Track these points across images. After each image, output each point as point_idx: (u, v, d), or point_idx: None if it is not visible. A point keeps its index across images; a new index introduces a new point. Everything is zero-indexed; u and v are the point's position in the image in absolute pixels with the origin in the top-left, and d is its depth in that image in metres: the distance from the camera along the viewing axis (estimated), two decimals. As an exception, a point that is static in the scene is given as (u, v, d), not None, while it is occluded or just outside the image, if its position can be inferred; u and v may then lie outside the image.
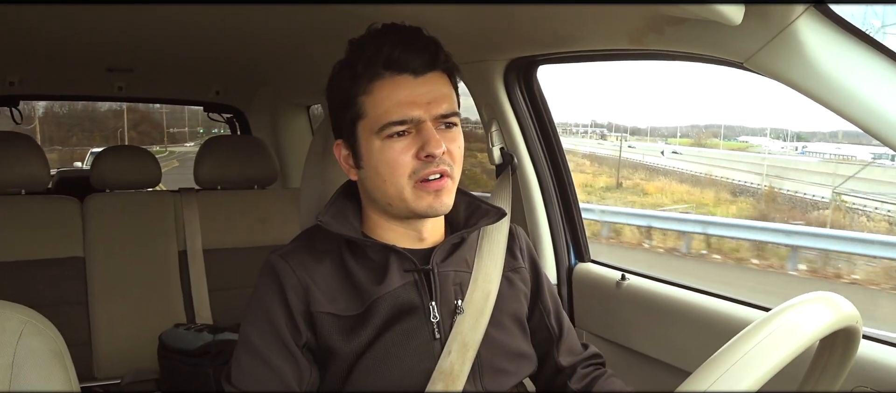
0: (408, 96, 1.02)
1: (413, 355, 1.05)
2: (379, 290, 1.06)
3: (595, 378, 1.23)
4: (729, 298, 1.48)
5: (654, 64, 4.72)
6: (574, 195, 1.91)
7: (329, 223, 1.08)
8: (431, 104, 1.03)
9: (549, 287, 1.27)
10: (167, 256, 2.55)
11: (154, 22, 2.06)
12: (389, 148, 1.02)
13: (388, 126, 1.01)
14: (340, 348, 1.04)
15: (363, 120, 1.05)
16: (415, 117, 1.02)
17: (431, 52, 1.04)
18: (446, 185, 1.05)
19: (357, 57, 1.04)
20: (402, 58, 1.02)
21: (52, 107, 25.82)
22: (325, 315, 1.04)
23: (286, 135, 3.68)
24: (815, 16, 1.00)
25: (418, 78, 1.03)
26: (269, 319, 1.05)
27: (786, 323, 0.76)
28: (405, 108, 1.01)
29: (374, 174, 1.05)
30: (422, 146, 1.01)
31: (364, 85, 1.03)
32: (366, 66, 1.03)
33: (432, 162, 1.02)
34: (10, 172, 2.34)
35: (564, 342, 1.25)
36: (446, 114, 1.04)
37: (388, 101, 1.02)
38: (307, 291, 1.05)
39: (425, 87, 1.03)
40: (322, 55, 2.41)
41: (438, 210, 1.06)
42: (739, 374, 0.71)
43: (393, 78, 1.02)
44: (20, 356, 0.98)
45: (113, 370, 2.41)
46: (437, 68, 1.05)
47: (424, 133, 1.02)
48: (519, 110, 1.85)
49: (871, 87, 0.99)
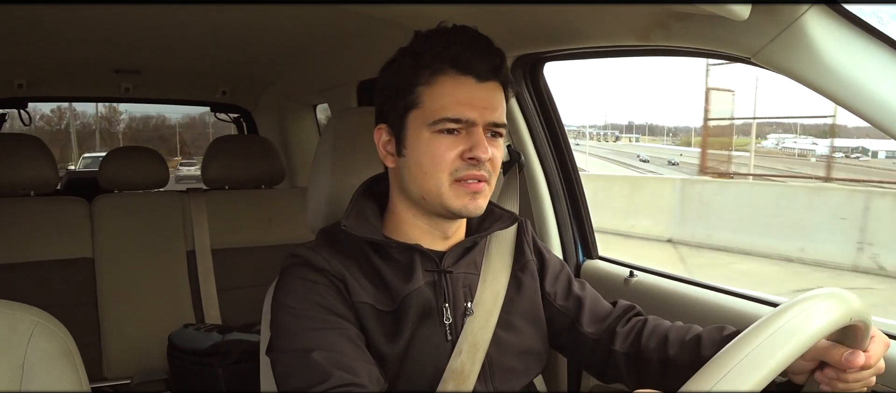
0: (468, 97, 1.02)
1: (429, 355, 1.06)
2: (407, 287, 1.05)
3: (639, 332, 1.16)
4: (737, 293, 1.47)
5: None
6: (581, 192, 1.90)
7: (352, 227, 1.07)
8: (487, 110, 1.03)
9: (554, 270, 1.24)
10: (176, 256, 2.57)
11: (161, 23, 2.07)
12: (438, 142, 1.02)
13: (443, 121, 1.02)
14: (386, 352, 1.03)
15: (417, 109, 1.04)
16: (470, 119, 1.02)
17: (496, 62, 1.05)
18: (483, 189, 1.05)
19: (425, 47, 1.05)
20: (471, 60, 1.03)
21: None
22: (365, 305, 1.03)
23: (293, 134, 3.69)
24: (823, 10, 1.00)
25: (480, 83, 1.04)
26: (316, 301, 1.02)
27: (792, 320, 0.76)
28: (463, 107, 1.02)
29: (414, 165, 1.05)
30: (470, 147, 1.02)
31: (427, 76, 1.04)
32: (433, 58, 1.03)
33: (475, 165, 1.02)
34: (19, 174, 2.35)
35: (586, 313, 1.20)
36: (497, 123, 1.05)
37: (447, 97, 1.02)
38: (345, 281, 1.04)
39: (484, 93, 1.04)
40: (328, 54, 2.44)
41: (472, 212, 1.06)
42: (745, 371, 0.71)
43: (456, 76, 1.03)
44: (31, 357, 0.99)
45: (123, 370, 2.42)
46: (497, 78, 1.06)
47: (474, 136, 1.02)
48: (525, 107, 1.84)
49: (880, 81, 0.98)
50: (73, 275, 2.41)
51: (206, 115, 21.91)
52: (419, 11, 1.20)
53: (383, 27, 1.75)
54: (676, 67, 62.49)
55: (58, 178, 2.50)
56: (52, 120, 25.93)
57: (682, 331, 1.12)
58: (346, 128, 1.26)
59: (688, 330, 1.11)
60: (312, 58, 2.54)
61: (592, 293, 1.24)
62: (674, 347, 1.09)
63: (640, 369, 1.14)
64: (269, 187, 2.85)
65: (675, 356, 1.08)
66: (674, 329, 1.13)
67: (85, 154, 15.93)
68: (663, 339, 1.11)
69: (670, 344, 1.10)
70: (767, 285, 7.92)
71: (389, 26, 1.71)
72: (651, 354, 1.11)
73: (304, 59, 2.63)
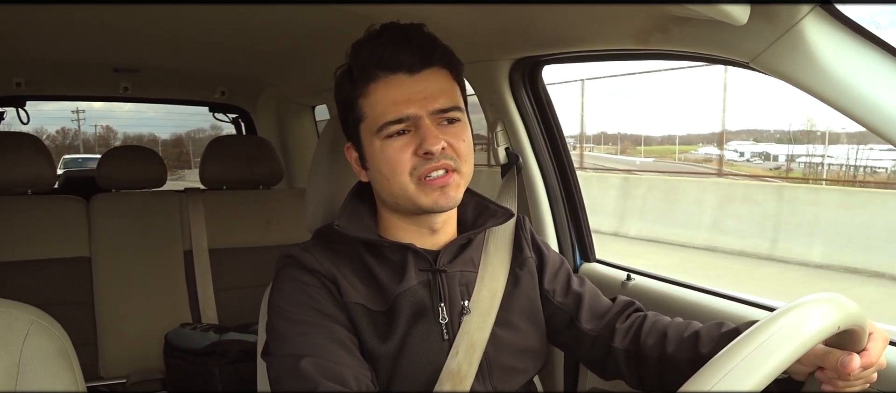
0: (402, 95, 1.01)
1: (425, 355, 1.05)
2: (399, 287, 1.05)
3: (638, 328, 1.15)
4: (735, 297, 1.47)
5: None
6: (579, 195, 1.90)
7: (345, 227, 1.07)
8: (428, 100, 1.02)
9: (553, 266, 1.23)
10: (173, 255, 2.56)
11: (160, 22, 2.07)
12: (389, 147, 1.02)
13: (386, 126, 1.01)
14: (379, 352, 1.03)
15: (364, 122, 1.05)
16: (410, 115, 1.01)
17: (426, 49, 1.03)
18: (452, 180, 1.03)
19: (354, 60, 1.05)
20: (395, 57, 1.01)
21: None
22: (357, 306, 1.03)
23: (291, 135, 3.68)
24: (821, 15, 1.00)
25: (414, 75, 1.02)
26: (307, 303, 1.02)
27: (789, 324, 0.76)
28: (400, 106, 1.01)
29: (378, 174, 1.05)
30: (420, 143, 1.01)
31: (361, 87, 1.04)
32: (361, 68, 1.03)
33: (432, 158, 1.01)
34: (16, 173, 2.35)
35: (585, 309, 1.19)
36: (445, 108, 1.03)
37: (383, 102, 1.02)
38: (336, 282, 1.04)
39: (421, 85, 1.02)
40: (327, 55, 2.43)
41: (444, 205, 1.04)
42: (742, 374, 0.71)
43: (387, 78, 1.02)
44: (27, 355, 0.98)
45: (119, 370, 2.42)
46: (433, 65, 1.04)
47: (422, 130, 1.01)
48: (524, 110, 1.84)
49: (878, 86, 0.98)
50: (70, 274, 2.40)
51: (191, 131, 22.53)
52: (418, 12, 1.20)
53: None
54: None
55: (55, 177, 2.50)
56: (57, 139, 26.47)
57: (680, 327, 1.11)
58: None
59: (687, 326, 1.11)
60: (311, 59, 2.54)
61: (592, 289, 1.24)
62: (672, 343, 1.09)
63: (640, 366, 1.13)
64: (268, 188, 2.84)
65: (673, 353, 1.08)
66: (672, 326, 1.13)
67: (65, 155, 15.94)
68: (662, 335, 1.11)
69: (669, 341, 1.10)
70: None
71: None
72: (650, 350, 1.11)
73: (303, 60, 2.63)
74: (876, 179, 14.56)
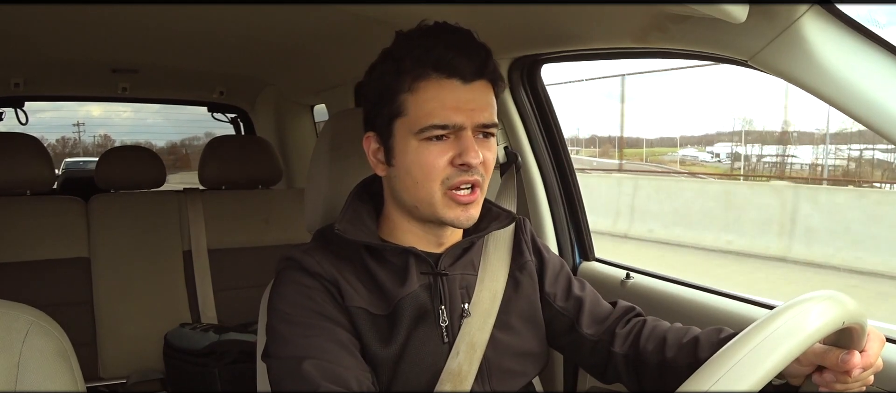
0: (454, 101, 0.99)
1: (426, 358, 1.05)
2: (402, 291, 1.04)
3: (638, 334, 1.14)
4: (734, 295, 1.47)
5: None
6: (578, 194, 1.90)
7: (346, 230, 1.05)
8: (475, 112, 1.00)
9: (554, 269, 1.22)
10: (172, 255, 2.56)
11: (159, 22, 2.07)
12: (426, 150, 1.00)
13: (430, 128, 0.98)
14: (381, 355, 1.02)
15: (402, 118, 1.01)
16: (457, 123, 0.99)
17: (482, 60, 1.01)
18: (476, 198, 1.03)
19: (405, 52, 1.01)
20: (454, 61, 0.98)
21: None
22: (359, 309, 1.02)
23: (290, 135, 3.68)
24: (820, 13, 1.00)
25: (466, 84, 1.00)
26: (309, 306, 1.01)
27: (788, 322, 0.75)
28: (450, 112, 0.98)
29: (405, 174, 1.03)
30: (459, 153, 0.99)
31: (409, 82, 1.00)
32: (414, 63, 0.99)
33: (467, 170, 1.00)
34: (15, 173, 2.35)
35: (585, 314, 1.19)
36: (487, 124, 1.02)
37: (432, 103, 0.99)
38: (337, 285, 1.02)
39: (471, 94, 1.00)
40: (326, 55, 2.44)
41: (464, 223, 1.04)
42: (742, 373, 0.71)
43: (440, 80, 0.99)
44: (26, 356, 0.98)
45: (118, 370, 2.42)
46: (484, 77, 1.02)
47: (463, 141, 0.99)
48: (523, 109, 1.84)
49: (876, 84, 0.98)
50: (70, 274, 2.40)
51: (186, 139, 22.74)
52: (418, 12, 1.19)
53: (382, 28, 1.72)
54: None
55: (54, 177, 2.49)
56: (57, 147, 26.74)
57: (680, 333, 1.11)
58: (344, 129, 1.26)
59: (686, 332, 1.11)
60: (310, 58, 2.54)
61: (592, 293, 1.23)
62: (672, 349, 1.09)
63: (639, 371, 1.13)
64: (266, 188, 2.84)
65: (672, 358, 1.08)
66: (672, 331, 1.12)
67: (67, 158, 16.01)
68: (661, 341, 1.11)
69: (668, 346, 1.09)
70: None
71: (388, 27, 1.70)
72: (649, 356, 1.11)
73: (302, 60, 2.63)
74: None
